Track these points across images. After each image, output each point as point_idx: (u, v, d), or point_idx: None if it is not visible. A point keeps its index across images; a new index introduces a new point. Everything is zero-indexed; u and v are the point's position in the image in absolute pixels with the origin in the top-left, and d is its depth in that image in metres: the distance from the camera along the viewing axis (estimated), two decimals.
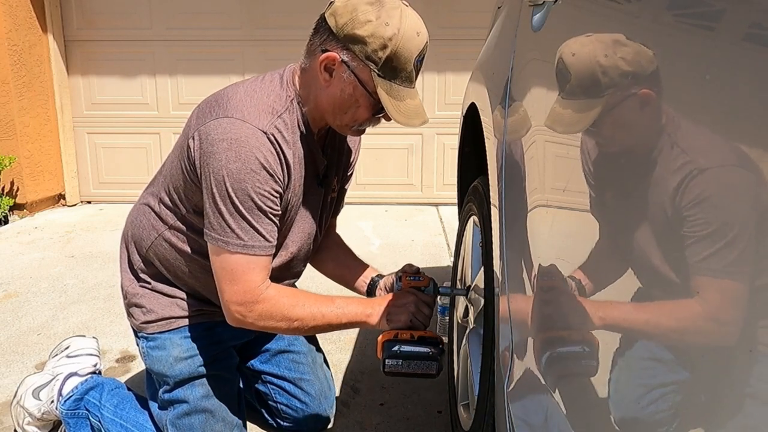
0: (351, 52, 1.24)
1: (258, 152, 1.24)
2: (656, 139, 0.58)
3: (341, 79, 1.27)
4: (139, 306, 1.49)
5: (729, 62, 0.48)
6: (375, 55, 1.23)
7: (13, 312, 2.54)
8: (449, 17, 4.14)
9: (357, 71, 1.25)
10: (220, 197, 1.26)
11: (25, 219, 4.08)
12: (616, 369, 0.61)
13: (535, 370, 0.85)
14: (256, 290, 1.30)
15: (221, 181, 1.24)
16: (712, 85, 0.50)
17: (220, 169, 1.24)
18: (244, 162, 1.23)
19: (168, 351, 1.47)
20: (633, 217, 0.62)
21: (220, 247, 1.28)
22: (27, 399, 1.64)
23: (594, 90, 0.74)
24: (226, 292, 1.31)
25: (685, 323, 0.51)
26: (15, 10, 3.89)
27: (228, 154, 1.23)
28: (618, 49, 0.61)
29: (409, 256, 3.22)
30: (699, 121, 0.52)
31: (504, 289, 1.07)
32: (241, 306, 1.30)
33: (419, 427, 1.72)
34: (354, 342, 2.24)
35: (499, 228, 1.14)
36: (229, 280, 1.30)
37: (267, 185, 1.26)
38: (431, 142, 4.38)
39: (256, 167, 1.24)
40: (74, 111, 4.43)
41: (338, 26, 1.24)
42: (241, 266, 1.28)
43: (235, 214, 1.26)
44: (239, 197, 1.25)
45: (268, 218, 1.29)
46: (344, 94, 1.28)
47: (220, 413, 1.49)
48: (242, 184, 1.24)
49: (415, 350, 1.35)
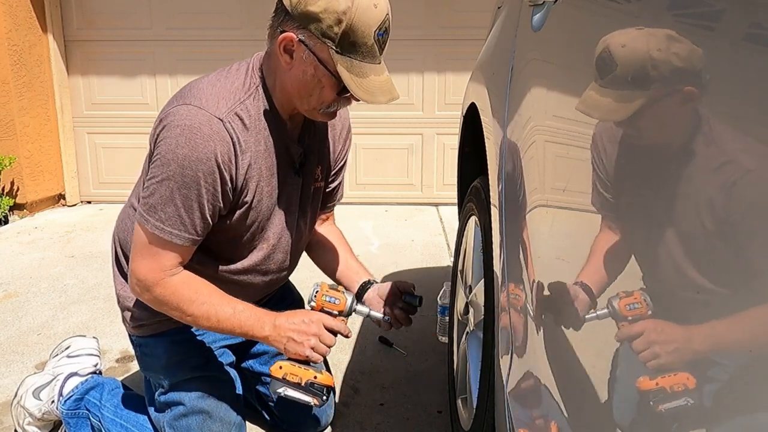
0: (307, 31, 1.20)
1: (210, 141, 1.22)
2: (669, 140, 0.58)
3: (301, 59, 1.23)
4: (130, 309, 1.48)
5: (729, 62, 0.48)
6: (331, 32, 1.18)
7: (13, 312, 2.54)
8: (449, 17, 4.14)
9: (315, 50, 1.21)
10: (159, 177, 1.24)
11: (25, 219, 4.08)
12: (616, 369, 0.61)
13: (535, 370, 0.85)
14: (160, 273, 1.28)
15: (166, 163, 1.22)
16: (711, 84, 0.50)
17: (168, 153, 1.22)
18: (192, 149, 1.21)
19: (160, 354, 1.47)
20: (633, 217, 0.62)
21: (141, 224, 1.28)
22: (27, 399, 1.64)
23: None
24: (133, 261, 1.31)
25: (687, 324, 0.51)
26: (15, 10, 3.89)
27: (179, 140, 1.21)
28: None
29: (409, 256, 3.22)
30: (706, 122, 0.52)
31: (504, 289, 1.07)
32: (141, 282, 1.30)
33: (419, 427, 1.72)
34: (354, 342, 2.24)
35: (499, 228, 1.14)
36: (139, 253, 1.29)
37: (209, 178, 1.23)
38: (431, 142, 4.38)
39: (204, 157, 1.21)
40: (74, 111, 4.43)
41: (292, 4, 1.20)
42: (154, 245, 1.27)
43: (164, 197, 1.24)
44: (177, 183, 1.22)
45: (200, 212, 1.26)
46: (306, 75, 1.24)
47: (218, 413, 1.48)
48: (184, 170, 1.22)
49: (297, 397, 1.39)
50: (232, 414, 1.51)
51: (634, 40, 0.67)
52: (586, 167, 0.76)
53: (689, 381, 0.49)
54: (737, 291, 0.45)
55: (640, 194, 0.60)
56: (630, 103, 0.65)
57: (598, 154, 0.73)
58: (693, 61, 0.54)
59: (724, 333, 0.46)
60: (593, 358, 0.68)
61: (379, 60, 1.25)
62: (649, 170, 0.59)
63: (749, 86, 0.45)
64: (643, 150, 0.61)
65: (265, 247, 1.44)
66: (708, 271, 0.48)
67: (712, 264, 0.48)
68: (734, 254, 0.45)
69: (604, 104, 0.72)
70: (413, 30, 4.17)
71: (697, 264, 0.50)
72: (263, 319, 1.35)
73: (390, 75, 1.29)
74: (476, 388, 1.29)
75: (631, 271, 0.60)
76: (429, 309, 2.50)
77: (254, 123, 1.30)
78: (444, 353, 2.12)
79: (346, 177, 4.74)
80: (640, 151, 0.62)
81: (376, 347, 2.20)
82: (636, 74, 0.64)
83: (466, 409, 1.45)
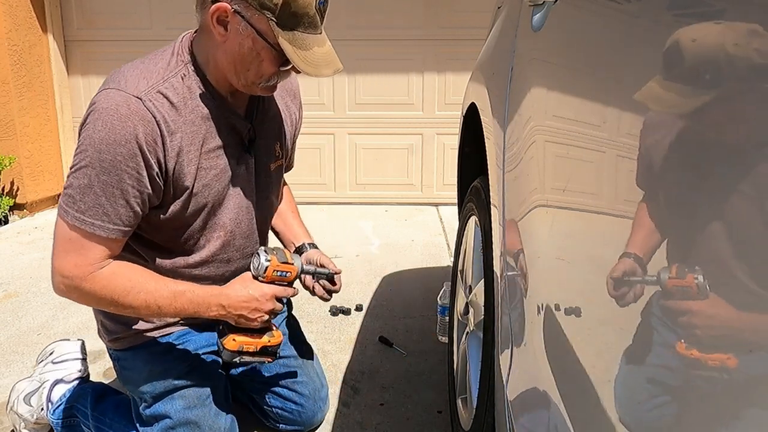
0: (243, 1, 1.13)
1: (128, 121, 1.14)
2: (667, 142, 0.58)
3: (237, 32, 1.16)
4: (104, 322, 1.43)
5: (729, 62, 0.48)
6: (270, 2, 1.11)
7: (13, 312, 2.54)
8: (449, 17, 4.14)
9: (253, 21, 1.14)
10: (77, 165, 1.16)
11: (25, 219, 4.08)
12: (616, 369, 0.61)
13: (535, 370, 0.85)
14: (86, 267, 1.19)
15: (83, 149, 1.15)
16: (711, 85, 0.50)
17: (85, 138, 1.15)
18: (109, 131, 1.13)
19: (140, 367, 1.41)
20: (633, 216, 0.62)
21: (61, 216, 1.19)
22: (19, 405, 1.63)
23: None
24: (55, 258, 1.20)
25: (687, 323, 0.51)
26: (15, 10, 3.89)
27: (96, 124, 1.14)
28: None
29: (409, 256, 3.22)
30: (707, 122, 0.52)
31: (504, 289, 1.07)
32: (66, 279, 1.20)
33: (419, 427, 1.72)
34: (354, 342, 2.24)
35: (499, 228, 1.14)
36: (62, 248, 1.20)
37: (131, 161, 1.15)
38: (431, 142, 4.38)
39: (122, 139, 1.14)
40: (74, 111, 4.43)
41: None
42: (77, 239, 1.18)
43: (83, 185, 1.16)
44: (95, 169, 1.14)
45: (124, 199, 1.17)
46: (243, 48, 1.17)
47: (206, 422, 1.43)
48: (101, 155, 1.14)
49: (252, 361, 1.42)
50: (221, 420, 1.47)
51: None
52: (586, 167, 0.76)
53: (690, 381, 0.49)
54: (738, 291, 0.45)
55: (640, 194, 0.60)
56: (632, 102, 0.65)
57: (599, 154, 0.73)
58: (693, 62, 0.54)
59: (725, 332, 0.46)
60: (593, 358, 0.68)
61: (320, 30, 1.19)
62: (649, 170, 0.59)
63: (749, 86, 0.45)
64: (643, 150, 0.61)
65: (222, 234, 1.36)
66: (708, 271, 0.48)
67: (713, 264, 0.48)
68: (734, 254, 0.45)
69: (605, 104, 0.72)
70: (413, 30, 4.17)
71: (698, 264, 0.50)
72: (208, 300, 1.29)
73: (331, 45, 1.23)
74: (476, 388, 1.29)
75: (631, 271, 0.60)
76: (429, 309, 2.50)
77: (184, 101, 1.22)
78: (444, 353, 2.12)
79: (346, 177, 4.73)
80: (640, 151, 0.62)
81: (376, 347, 2.20)
82: (642, 73, 0.64)
83: (466, 409, 1.45)
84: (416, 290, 2.73)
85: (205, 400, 1.45)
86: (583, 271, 0.74)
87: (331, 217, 3.95)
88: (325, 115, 4.22)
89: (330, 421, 1.74)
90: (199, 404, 1.43)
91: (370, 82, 4.22)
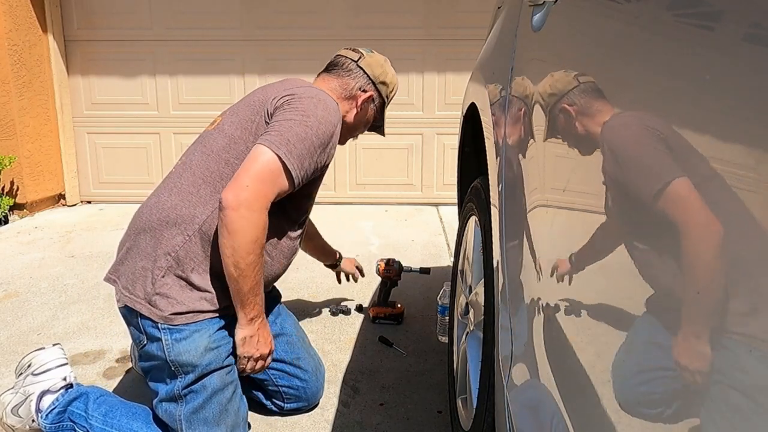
0: (379, 92, 1.82)
1: (336, 114, 1.59)
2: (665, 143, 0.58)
3: (368, 108, 1.83)
4: (167, 296, 1.46)
5: (729, 62, 0.48)
6: (390, 94, 1.87)
7: (13, 312, 2.54)
8: (449, 17, 4.14)
9: (377, 103, 1.84)
10: (299, 121, 1.48)
11: (25, 219, 4.08)
12: (616, 369, 0.61)
13: (535, 370, 0.85)
14: (264, 200, 1.41)
15: (305, 114, 1.50)
16: (712, 84, 0.50)
17: (307, 109, 1.51)
18: (327, 113, 1.54)
19: (197, 342, 1.47)
20: (633, 216, 0.62)
21: (271, 149, 1.43)
22: (8, 417, 1.60)
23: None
24: (246, 178, 1.40)
25: (687, 323, 0.51)
26: (15, 10, 3.89)
27: (316, 104, 1.54)
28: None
29: (409, 256, 3.22)
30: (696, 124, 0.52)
31: (504, 289, 1.07)
32: (245, 201, 1.38)
33: (419, 427, 1.72)
34: (354, 342, 2.25)
35: (499, 228, 1.14)
36: (258, 174, 1.41)
37: (333, 138, 1.57)
38: (431, 142, 4.38)
39: (334, 120, 1.56)
40: (74, 111, 4.43)
41: (374, 76, 1.79)
42: (274, 172, 1.43)
43: (302, 137, 1.47)
44: (313, 131, 1.49)
45: (316, 162, 1.52)
46: (368, 116, 1.84)
47: (233, 405, 1.53)
48: (321, 125, 1.51)
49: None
50: (243, 407, 1.58)
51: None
52: (585, 167, 0.76)
53: (690, 381, 0.49)
54: (738, 291, 0.45)
55: (640, 194, 0.60)
56: (632, 102, 0.65)
57: (599, 154, 0.73)
58: (693, 61, 0.54)
59: (725, 332, 0.46)
60: (593, 358, 0.68)
61: None
62: (649, 170, 0.59)
63: (749, 87, 0.45)
64: (643, 150, 0.61)
65: (309, 212, 1.72)
66: (708, 272, 0.48)
67: (713, 264, 0.48)
68: (735, 255, 0.45)
69: (605, 103, 0.72)
70: (413, 30, 4.17)
71: (698, 264, 0.50)
72: (259, 309, 1.49)
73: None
74: (476, 388, 1.29)
75: (632, 271, 0.60)
76: (429, 309, 2.50)
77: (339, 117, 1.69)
78: (444, 353, 2.12)
79: (346, 177, 4.75)
80: (640, 151, 0.62)
81: (376, 347, 2.20)
82: (639, 75, 0.64)
83: (466, 409, 1.45)
84: (416, 290, 2.73)
85: (236, 383, 1.56)
86: (583, 271, 0.74)
87: (331, 217, 3.95)
88: None
89: (330, 421, 1.75)
90: (231, 385, 1.54)
91: None
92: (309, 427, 1.73)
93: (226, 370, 1.52)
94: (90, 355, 2.14)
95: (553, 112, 0.89)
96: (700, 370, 0.48)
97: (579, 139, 0.79)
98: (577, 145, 0.80)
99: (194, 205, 1.50)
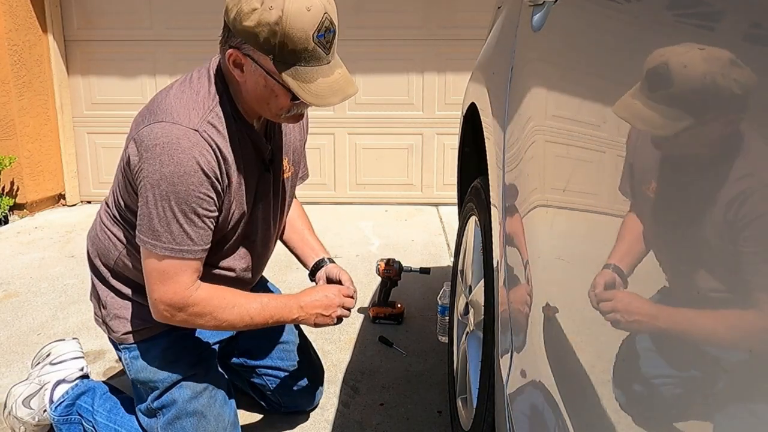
0: (249, 45, 1.22)
1: (192, 153, 1.23)
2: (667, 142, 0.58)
3: (251, 72, 1.26)
4: (118, 317, 1.48)
5: (731, 62, 0.48)
6: (268, 44, 1.19)
7: (13, 312, 2.54)
8: (449, 17, 4.14)
9: (261, 62, 1.23)
10: (153, 200, 1.25)
11: (25, 219, 4.08)
12: (616, 369, 0.61)
13: (535, 370, 0.85)
14: (185, 292, 1.31)
15: (155, 184, 1.24)
16: (714, 84, 0.50)
17: (154, 173, 1.23)
18: (177, 165, 1.22)
19: (153, 357, 1.46)
20: (633, 216, 0.62)
21: (149, 250, 1.28)
22: (18, 409, 1.62)
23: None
24: (155, 291, 1.31)
25: (688, 323, 0.51)
26: (15, 10, 3.89)
27: (162, 158, 1.22)
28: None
29: (409, 256, 3.22)
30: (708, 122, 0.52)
31: (504, 289, 1.07)
32: (171, 306, 1.31)
33: (419, 427, 1.72)
34: (354, 342, 2.24)
35: (499, 228, 1.14)
36: (158, 280, 1.30)
37: (202, 188, 1.26)
38: (431, 142, 4.38)
39: (191, 169, 1.23)
40: (74, 111, 4.43)
41: (231, 21, 1.23)
42: (171, 268, 1.29)
43: (166, 218, 1.25)
44: (173, 201, 1.24)
45: (202, 222, 1.28)
46: (259, 86, 1.27)
47: (211, 412, 1.48)
48: (176, 187, 1.23)
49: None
50: (226, 412, 1.52)
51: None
52: (586, 167, 0.76)
53: (690, 381, 0.49)
54: (738, 291, 0.45)
55: (640, 194, 0.60)
56: (632, 104, 0.65)
57: (599, 154, 0.73)
58: (693, 62, 0.54)
59: (726, 332, 0.46)
60: (593, 358, 0.68)
61: (326, 60, 1.25)
62: (649, 170, 0.59)
63: (749, 87, 0.45)
64: (643, 150, 0.61)
65: (248, 243, 1.49)
66: (709, 271, 0.48)
67: (713, 264, 0.48)
68: (735, 255, 0.45)
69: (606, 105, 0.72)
70: (413, 30, 4.17)
71: (699, 264, 0.50)
72: (289, 304, 1.43)
73: (344, 69, 1.29)
74: (476, 388, 1.29)
75: (632, 271, 0.60)
76: (429, 309, 2.50)
77: (226, 129, 1.31)
78: (444, 353, 2.12)
79: (346, 177, 4.73)
80: (640, 151, 0.62)
81: (376, 347, 2.20)
82: (643, 77, 0.64)
83: (466, 409, 1.45)
84: (416, 290, 2.73)
85: (212, 390, 1.51)
86: (583, 271, 0.74)
87: (331, 217, 3.95)
88: (325, 115, 4.22)
89: (330, 421, 1.75)
90: (205, 395, 1.49)
91: (370, 81, 4.22)
92: (309, 427, 1.73)
93: (195, 379, 1.48)
94: (89, 356, 2.14)
95: (552, 112, 0.89)
96: (699, 370, 0.48)
97: (579, 139, 0.79)
98: (577, 145, 0.80)
99: (111, 233, 1.47)
